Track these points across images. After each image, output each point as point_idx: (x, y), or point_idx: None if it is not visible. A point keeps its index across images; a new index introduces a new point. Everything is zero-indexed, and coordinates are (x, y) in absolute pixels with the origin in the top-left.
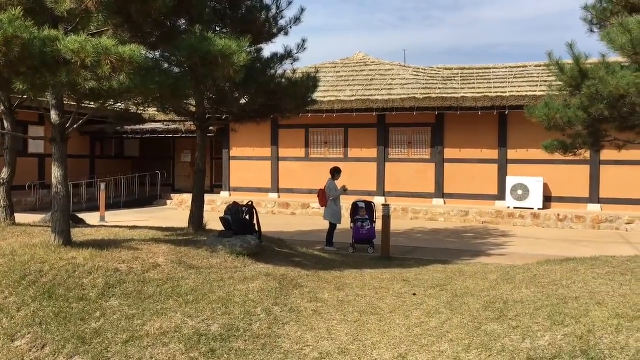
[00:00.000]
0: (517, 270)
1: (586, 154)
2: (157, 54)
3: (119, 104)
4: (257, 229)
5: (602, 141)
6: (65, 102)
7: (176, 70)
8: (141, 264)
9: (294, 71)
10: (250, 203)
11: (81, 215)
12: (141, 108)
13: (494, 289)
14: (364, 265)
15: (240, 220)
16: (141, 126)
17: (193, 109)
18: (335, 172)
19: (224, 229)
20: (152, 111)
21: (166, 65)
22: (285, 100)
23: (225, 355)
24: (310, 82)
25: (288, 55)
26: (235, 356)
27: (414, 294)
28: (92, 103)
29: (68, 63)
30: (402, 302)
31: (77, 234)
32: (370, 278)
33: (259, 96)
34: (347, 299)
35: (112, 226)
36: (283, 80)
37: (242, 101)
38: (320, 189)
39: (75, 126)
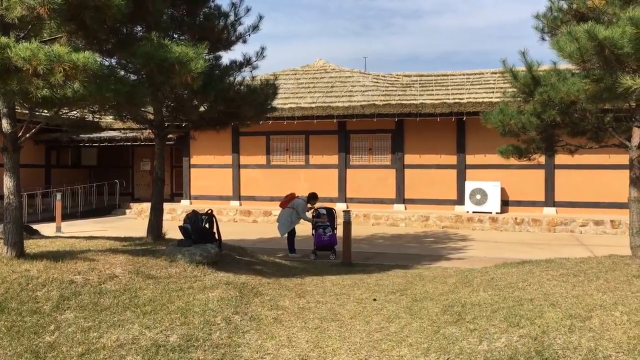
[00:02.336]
0: (475, 273)
1: (540, 159)
2: (114, 61)
3: (75, 112)
4: (217, 238)
5: (555, 146)
6: (17, 111)
7: (133, 77)
8: (97, 275)
9: (253, 78)
10: (209, 211)
11: (36, 226)
12: (97, 116)
13: (452, 292)
14: (326, 271)
15: (199, 229)
16: (98, 134)
17: (151, 116)
18: (312, 198)
19: (183, 238)
20: (109, 119)
21: (122, 73)
22: (244, 108)
23: None
24: (270, 89)
25: (247, 62)
26: None
27: (375, 300)
28: (46, 111)
29: (19, 71)
30: (363, 307)
31: (31, 245)
32: (331, 284)
33: (218, 103)
34: (308, 306)
35: (68, 237)
36: (242, 87)
37: (202, 109)
38: (291, 195)
39: (27, 135)
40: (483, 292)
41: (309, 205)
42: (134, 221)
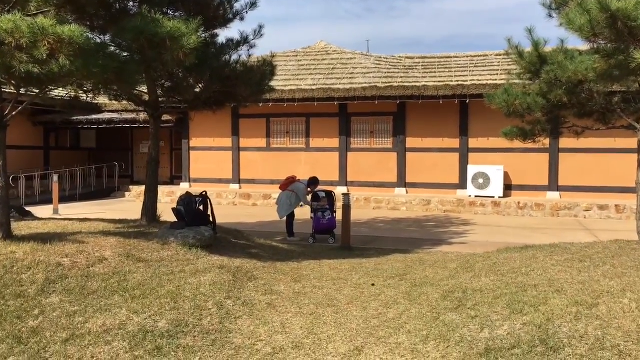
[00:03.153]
0: (477, 258)
1: (545, 142)
2: (107, 38)
3: (68, 92)
4: (211, 220)
5: (561, 128)
6: (7, 91)
7: (124, 54)
8: (86, 257)
9: (250, 56)
10: (204, 193)
11: (34, 209)
12: (91, 95)
13: (453, 277)
14: (324, 255)
15: (193, 211)
16: (97, 116)
17: (146, 97)
18: (312, 183)
19: (177, 220)
20: (103, 99)
21: (113, 49)
22: (240, 87)
23: (172, 353)
24: (267, 67)
25: (244, 41)
26: (183, 353)
27: (373, 285)
28: (34, 89)
29: (2, 44)
30: (360, 293)
31: (23, 227)
32: (329, 269)
33: (213, 82)
34: (304, 291)
35: (62, 219)
36: (238, 66)
37: (197, 89)
38: (293, 178)
39: (14, 113)
40: (485, 277)
41: (308, 190)
42: (132, 204)
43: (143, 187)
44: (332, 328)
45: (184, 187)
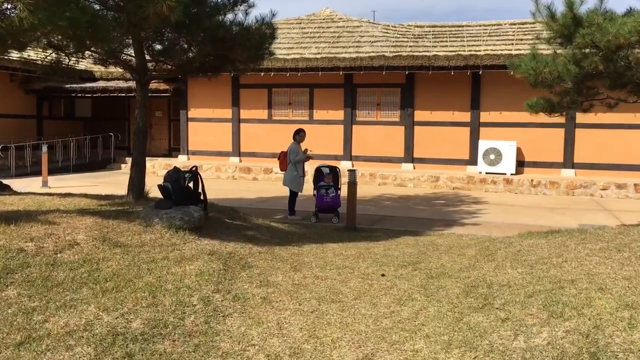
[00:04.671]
0: (497, 244)
1: (561, 118)
2: None
3: (48, 55)
4: (202, 198)
5: (593, 99)
6: None
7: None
8: (54, 242)
9: (247, 14)
10: (194, 168)
11: (23, 180)
12: (74, 59)
13: (474, 267)
14: (327, 238)
15: (181, 188)
16: (91, 84)
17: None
18: (296, 134)
19: (163, 198)
20: (99, 68)
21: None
22: (236, 50)
23: None
24: (266, 28)
25: (242, 0)
26: None
27: (383, 275)
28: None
29: None
30: (369, 285)
31: None
32: (333, 255)
33: (206, 45)
34: (305, 282)
35: (43, 194)
36: (234, 26)
37: (191, 54)
38: (282, 152)
39: None
40: (511, 268)
41: (300, 143)
42: (127, 176)
43: None
44: (337, 330)
45: (181, 160)
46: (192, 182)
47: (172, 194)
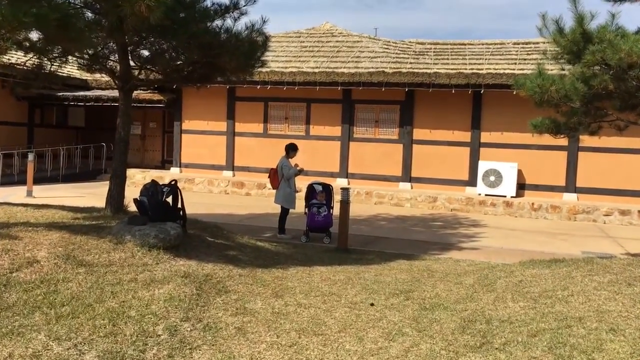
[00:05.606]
0: (497, 272)
1: (563, 140)
2: None
3: (29, 58)
4: (181, 214)
5: (601, 121)
6: None
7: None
8: (11, 259)
9: (236, 19)
10: (173, 182)
11: (8, 189)
12: (56, 64)
13: (471, 299)
14: (316, 260)
15: (158, 203)
16: (84, 93)
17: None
18: (290, 149)
19: (138, 213)
20: (80, 73)
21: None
22: (224, 57)
23: None
24: (257, 36)
25: (234, 7)
26: None
27: (372, 304)
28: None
29: None
30: (356, 315)
31: None
32: (320, 279)
33: (193, 51)
34: (286, 311)
35: (21, 204)
36: (221, 31)
37: (178, 62)
38: (272, 169)
39: None
40: (512, 302)
41: (290, 161)
42: None
43: (132, 170)
44: None
45: (173, 173)
46: (171, 197)
47: (148, 209)
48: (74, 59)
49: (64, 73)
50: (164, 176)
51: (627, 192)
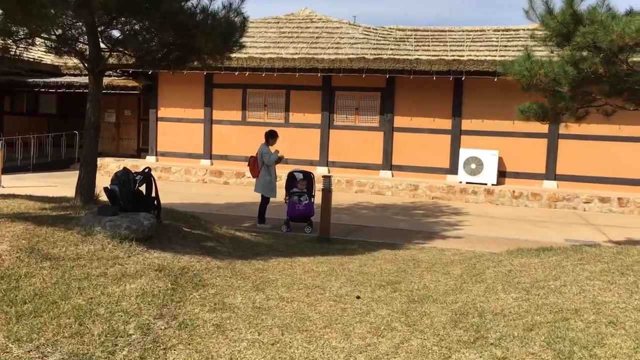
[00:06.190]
0: (484, 262)
1: (543, 127)
2: None
3: None
4: (155, 204)
5: (589, 106)
6: None
7: None
8: None
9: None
10: (147, 170)
11: None
12: (22, 46)
13: (461, 290)
14: (297, 250)
15: (130, 192)
16: (56, 79)
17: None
18: (270, 136)
19: (109, 203)
20: (40, 55)
21: None
22: (199, 39)
23: None
24: (235, 16)
25: None
26: None
27: (358, 297)
28: None
29: None
30: (342, 309)
31: None
32: (302, 271)
33: (166, 31)
34: (267, 305)
35: None
36: (197, 11)
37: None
38: (252, 156)
39: None
40: (504, 293)
41: (270, 148)
42: None
43: (105, 160)
44: None
45: (149, 161)
46: (144, 186)
47: (120, 199)
48: (42, 41)
49: (33, 58)
50: (140, 165)
51: (606, 179)
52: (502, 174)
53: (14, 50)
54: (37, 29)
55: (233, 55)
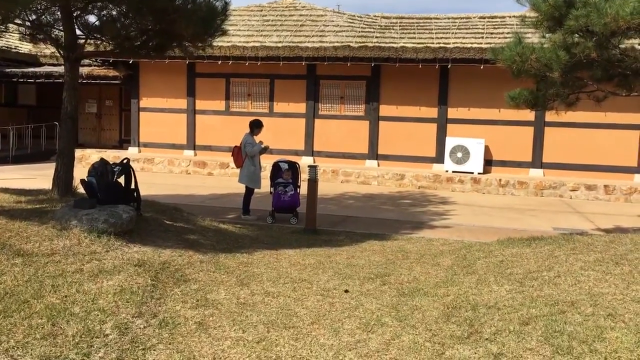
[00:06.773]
0: (475, 252)
1: (530, 115)
2: None
3: None
4: (135, 196)
5: (580, 92)
6: None
7: None
8: None
9: None
10: (125, 160)
11: None
12: None
13: (452, 282)
14: (283, 242)
15: (108, 184)
16: (35, 69)
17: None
18: (254, 126)
19: (86, 196)
20: (18, 44)
21: None
22: (179, 24)
23: None
24: (216, 1)
25: None
26: None
27: (346, 291)
28: None
29: None
30: (330, 304)
31: None
32: (289, 264)
33: (145, 16)
34: (252, 301)
35: None
36: None
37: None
38: (236, 146)
39: None
40: (496, 284)
41: (254, 138)
42: None
43: (87, 151)
44: None
45: (131, 152)
46: (123, 177)
47: (97, 191)
48: (16, 27)
49: (7, 47)
50: (122, 156)
51: (592, 167)
52: (488, 163)
53: None
54: (10, 14)
55: (215, 43)
